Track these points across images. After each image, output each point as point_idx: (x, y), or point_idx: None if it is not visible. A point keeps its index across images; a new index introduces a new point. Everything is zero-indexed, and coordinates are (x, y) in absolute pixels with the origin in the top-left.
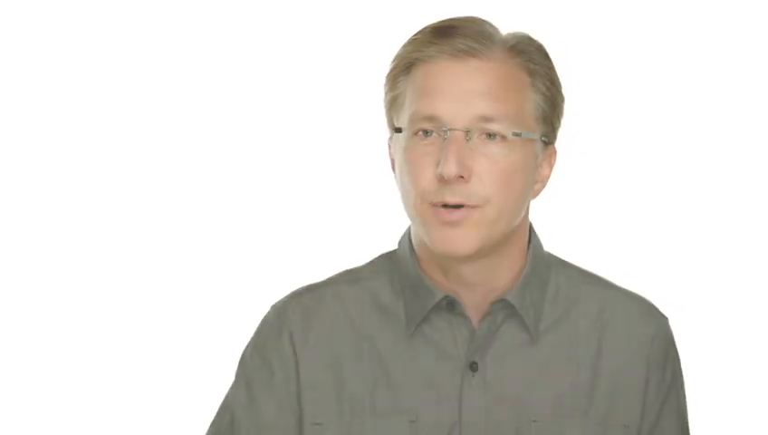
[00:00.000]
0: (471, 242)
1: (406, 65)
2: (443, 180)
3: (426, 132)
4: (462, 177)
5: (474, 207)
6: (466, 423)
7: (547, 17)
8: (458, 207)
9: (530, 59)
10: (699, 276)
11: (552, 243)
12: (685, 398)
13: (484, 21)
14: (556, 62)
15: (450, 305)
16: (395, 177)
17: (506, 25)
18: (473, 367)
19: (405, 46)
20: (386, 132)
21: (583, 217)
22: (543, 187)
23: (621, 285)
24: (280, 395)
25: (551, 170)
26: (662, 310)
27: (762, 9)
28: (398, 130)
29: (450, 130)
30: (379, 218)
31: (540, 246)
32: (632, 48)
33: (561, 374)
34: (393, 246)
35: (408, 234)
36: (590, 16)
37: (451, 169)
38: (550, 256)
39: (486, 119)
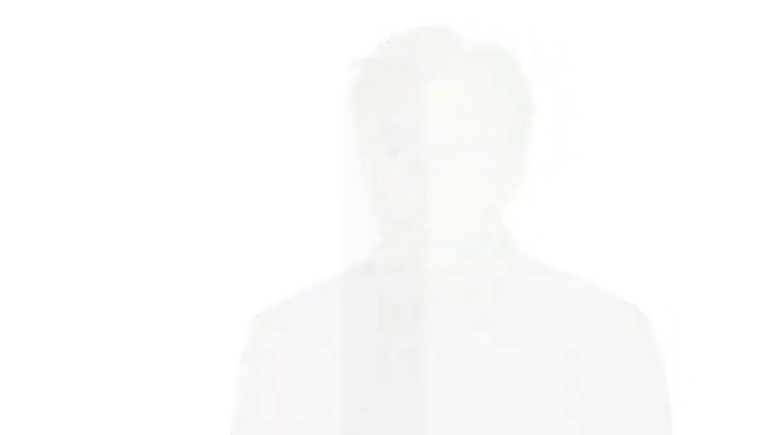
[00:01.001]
0: (438, 262)
1: (368, 80)
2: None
3: (392, 149)
4: (428, 200)
5: (442, 228)
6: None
7: (546, 17)
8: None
9: (499, 70)
10: (690, 278)
11: (545, 243)
12: (669, 407)
13: (450, 31)
14: (552, 62)
15: (418, 311)
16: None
17: (503, 25)
18: (444, 372)
19: (367, 60)
20: None
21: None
22: (516, 193)
23: (606, 287)
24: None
25: (524, 176)
26: (646, 312)
27: (762, 9)
28: (364, 149)
29: (416, 152)
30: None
31: (515, 247)
32: (626, 49)
33: (536, 378)
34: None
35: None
36: (588, 16)
37: (416, 195)
38: (530, 257)
39: (454, 139)
